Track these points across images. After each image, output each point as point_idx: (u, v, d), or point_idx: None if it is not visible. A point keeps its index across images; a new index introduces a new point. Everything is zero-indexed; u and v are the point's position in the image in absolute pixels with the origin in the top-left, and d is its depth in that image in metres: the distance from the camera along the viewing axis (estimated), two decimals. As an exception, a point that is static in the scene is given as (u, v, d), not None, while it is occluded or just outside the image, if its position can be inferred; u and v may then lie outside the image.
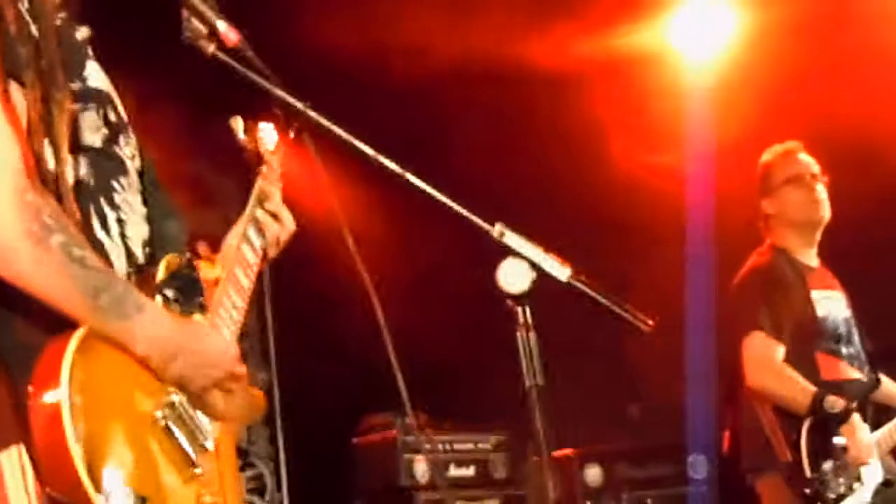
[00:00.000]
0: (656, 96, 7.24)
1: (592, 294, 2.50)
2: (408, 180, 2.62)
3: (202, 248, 2.68)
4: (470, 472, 6.07)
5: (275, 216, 2.89)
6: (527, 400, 2.54)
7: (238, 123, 3.10)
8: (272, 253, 2.88)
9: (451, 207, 2.61)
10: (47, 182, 2.29)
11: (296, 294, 3.53)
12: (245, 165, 3.14)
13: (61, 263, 2.22)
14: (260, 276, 2.82)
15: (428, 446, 5.95)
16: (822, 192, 5.37)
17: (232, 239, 2.82)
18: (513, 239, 2.55)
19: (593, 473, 6.20)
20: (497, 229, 2.55)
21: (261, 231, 2.84)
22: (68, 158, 2.36)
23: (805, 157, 5.43)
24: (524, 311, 2.54)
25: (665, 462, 6.32)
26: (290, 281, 3.10)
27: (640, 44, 7.23)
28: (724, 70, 7.24)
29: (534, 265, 2.53)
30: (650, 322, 2.49)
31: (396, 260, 3.01)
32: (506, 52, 7.00)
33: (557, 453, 5.90)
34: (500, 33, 6.96)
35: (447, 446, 6.03)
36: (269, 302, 2.94)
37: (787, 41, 6.88)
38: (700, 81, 7.22)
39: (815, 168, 5.41)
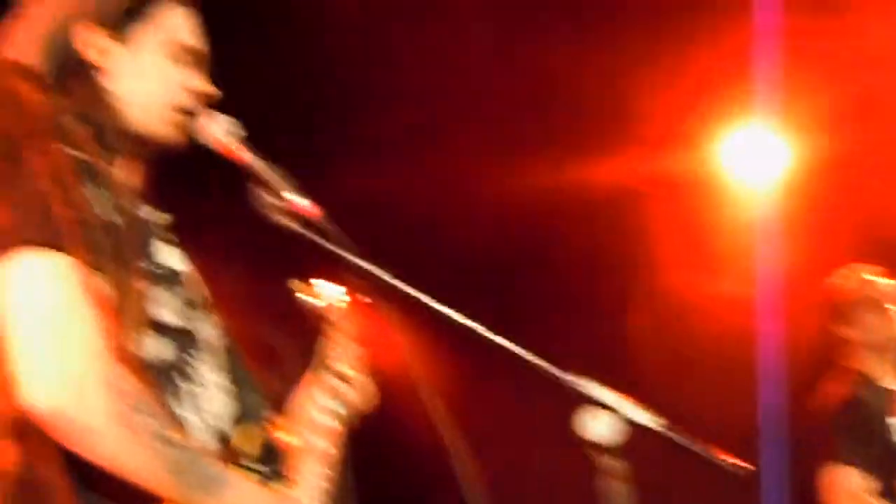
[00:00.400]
0: (714, 222, 7.28)
1: (684, 443, 2.49)
2: (483, 336, 2.62)
3: (279, 420, 2.69)
4: None
5: (348, 381, 2.92)
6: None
7: (300, 286, 3.14)
8: (352, 418, 2.91)
9: (528, 360, 2.60)
10: (126, 362, 2.31)
11: (376, 455, 3.54)
12: (310, 327, 3.17)
13: (148, 443, 2.23)
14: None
15: None
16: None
17: (305, 405, 2.86)
18: (593, 388, 2.55)
19: None
20: (576, 379, 2.55)
21: (336, 397, 2.88)
22: (145, 338, 2.39)
23: (877, 278, 5.42)
24: (609, 461, 2.52)
25: None
26: (370, 441, 3.11)
27: (697, 168, 7.31)
28: (781, 193, 7.27)
29: (617, 414, 2.52)
30: (748, 466, 2.49)
31: (477, 412, 3.00)
32: (565, 177, 7.09)
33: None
34: (557, 159, 7.05)
35: None
36: (350, 466, 2.95)
37: (839, 165, 6.93)
38: (758, 205, 7.25)
39: (889, 287, 5.39)
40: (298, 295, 3.13)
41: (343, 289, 3.23)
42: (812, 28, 6.85)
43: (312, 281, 3.16)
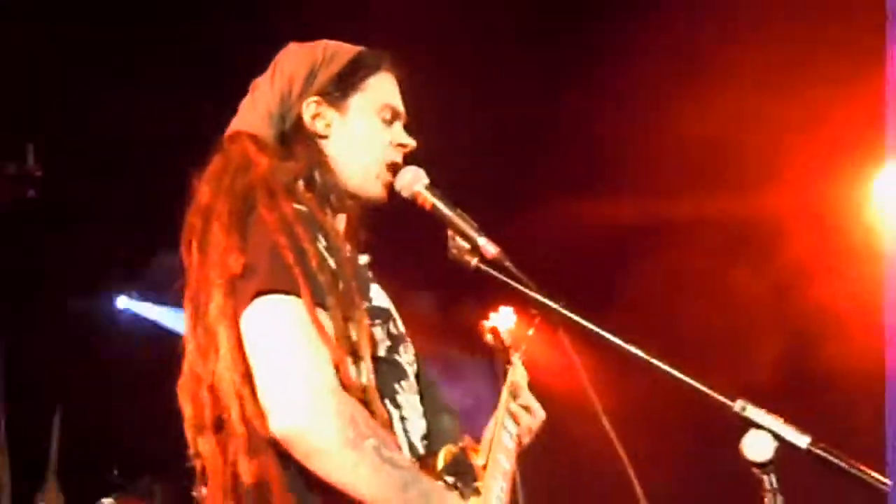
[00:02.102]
0: (854, 254, 7.09)
1: (832, 460, 2.51)
2: (651, 363, 2.65)
3: (467, 441, 2.76)
4: None
5: (526, 408, 2.99)
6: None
7: (487, 327, 3.23)
8: (526, 440, 2.97)
9: (687, 382, 2.64)
10: (351, 390, 2.44)
11: (547, 468, 3.59)
12: (493, 356, 3.25)
13: (374, 464, 2.36)
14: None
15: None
16: None
17: (491, 429, 2.92)
18: (753, 412, 2.58)
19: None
20: (738, 404, 2.58)
21: (515, 421, 2.94)
22: (365, 369, 2.50)
23: None
24: (769, 478, 2.55)
25: None
26: (541, 455, 3.19)
27: (840, 200, 7.13)
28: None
29: (775, 435, 2.55)
30: (887, 482, 2.49)
31: (642, 432, 3.04)
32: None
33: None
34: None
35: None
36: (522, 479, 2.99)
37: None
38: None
39: None
40: (485, 326, 3.21)
41: (515, 318, 3.29)
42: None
43: (494, 315, 3.23)
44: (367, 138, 2.79)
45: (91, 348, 7.50)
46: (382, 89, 2.84)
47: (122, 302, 9.26)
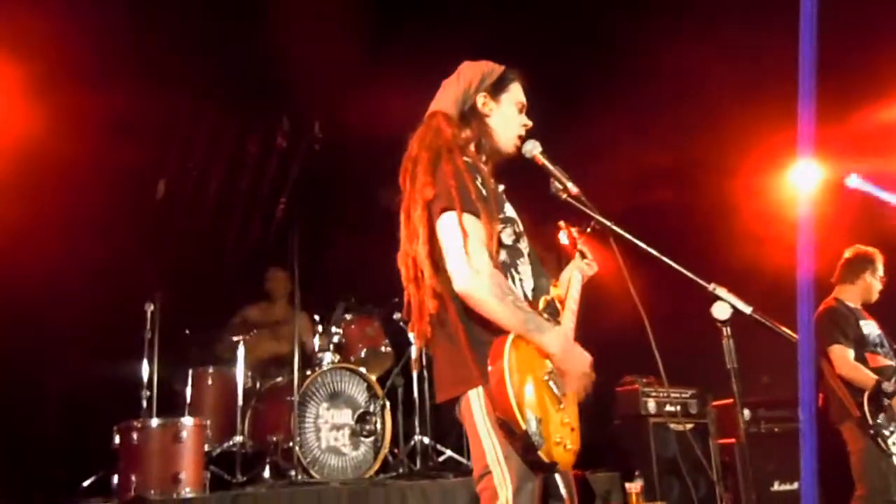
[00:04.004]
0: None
1: (764, 321, 2.48)
2: (662, 259, 2.64)
3: (553, 293, 2.72)
4: (677, 408, 5.96)
5: (588, 264, 3.00)
6: (730, 377, 2.54)
7: (564, 228, 3.21)
8: (585, 281, 2.96)
9: (684, 273, 2.61)
10: (496, 265, 2.45)
11: (597, 315, 3.51)
12: (567, 248, 3.22)
13: (511, 308, 2.39)
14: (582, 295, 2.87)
15: (655, 393, 5.89)
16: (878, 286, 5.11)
17: (566, 275, 2.94)
18: (719, 290, 2.55)
19: (746, 413, 5.99)
20: (712, 286, 2.56)
21: (581, 272, 2.95)
22: (501, 252, 2.52)
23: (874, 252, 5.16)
24: (726, 329, 2.54)
25: (785, 408, 5.99)
26: (593, 309, 3.11)
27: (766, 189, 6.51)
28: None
29: (731, 305, 2.52)
30: (795, 336, 2.47)
31: (652, 296, 3.00)
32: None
33: (726, 402, 5.74)
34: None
35: (666, 394, 5.89)
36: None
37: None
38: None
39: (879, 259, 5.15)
40: (564, 233, 3.19)
41: (577, 228, 3.24)
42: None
43: (570, 224, 3.19)
44: (510, 119, 2.73)
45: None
46: (517, 91, 2.77)
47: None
